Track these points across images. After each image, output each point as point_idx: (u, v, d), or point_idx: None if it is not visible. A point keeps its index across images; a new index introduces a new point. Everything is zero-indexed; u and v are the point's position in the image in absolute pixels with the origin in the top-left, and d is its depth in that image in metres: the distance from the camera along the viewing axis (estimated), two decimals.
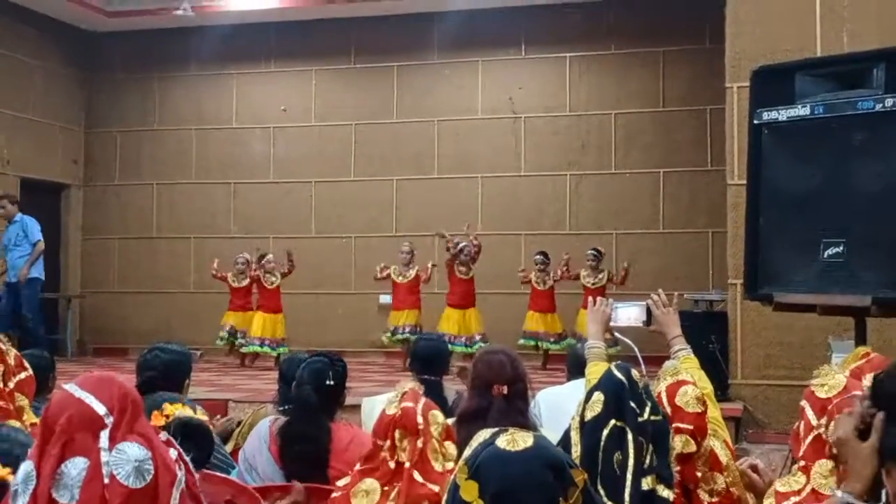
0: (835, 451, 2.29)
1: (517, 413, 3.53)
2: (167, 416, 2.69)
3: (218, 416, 5.68)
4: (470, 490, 1.50)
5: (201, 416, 2.86)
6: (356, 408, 5.48)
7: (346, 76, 14.55)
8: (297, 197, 14.42)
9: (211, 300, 13.14)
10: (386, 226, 13.97)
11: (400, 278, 11.78)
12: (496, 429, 1.60)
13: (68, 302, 14.51)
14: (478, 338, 11.29)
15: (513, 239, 13.19)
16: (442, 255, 11.94)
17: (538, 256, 12.03)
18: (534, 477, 1.51)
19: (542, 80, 13.96)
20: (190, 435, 2.53)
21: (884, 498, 2.15)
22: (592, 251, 11.85)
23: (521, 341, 11.48)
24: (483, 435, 1.61)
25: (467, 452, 1.58)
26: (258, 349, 11.89)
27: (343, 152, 14.36)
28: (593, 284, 11.55)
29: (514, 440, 1.55)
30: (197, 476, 2.35)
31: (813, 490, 2.63)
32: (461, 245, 11.51)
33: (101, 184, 15.15)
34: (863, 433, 2.25)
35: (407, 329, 11.53)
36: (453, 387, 5.26)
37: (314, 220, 14.37)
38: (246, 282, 12.22)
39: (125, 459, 1.97)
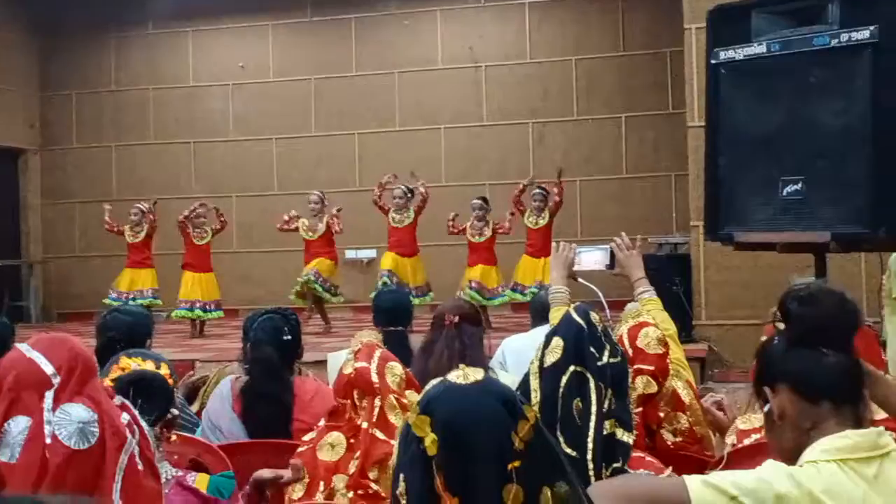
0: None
1: (466, 345, 3.59)
2: (123, 370, 2.66)
3: (190, 373, 5.64)
4: (421, 425, 1.48)
5: (164, 370, 2.82)
6: (323, 363, 5.48)
7: (303, 30, 14.38)
8: (258, 154, 14.29)
9: (174, 262, 13.02)
10: (350, 181, 13.86)
11: (309, 234, 11.00)
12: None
13: (31, 268, 14.37)
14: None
15: (477, 190, 13.07)
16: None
17: (476, 201, 10.98)
18: (485, 408, 1.50)
19: (502, 28, 13.86)
20: (144, 389, 2.50)
21: (766, 408, 2.18)
22: (540, 191, 10.88)
23: (459, 293, 10.37)
24: (436, 379, 1.59)
25: (420, 396, 1.56)
26: (188, 314, 11.10)
27: (303, 108, 14.23)
28: (535, 225, 10.74)
29: (465, 374, 1.54)
30: (154, 440, 2.32)
31: None
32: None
33: (60, 147, 14.96)
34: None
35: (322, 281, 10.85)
36: (419, 338, 5.25)
37: (276, 177, 14.26)
38: (143, 235, 11.49)
39: (69, 420, 1.95)
